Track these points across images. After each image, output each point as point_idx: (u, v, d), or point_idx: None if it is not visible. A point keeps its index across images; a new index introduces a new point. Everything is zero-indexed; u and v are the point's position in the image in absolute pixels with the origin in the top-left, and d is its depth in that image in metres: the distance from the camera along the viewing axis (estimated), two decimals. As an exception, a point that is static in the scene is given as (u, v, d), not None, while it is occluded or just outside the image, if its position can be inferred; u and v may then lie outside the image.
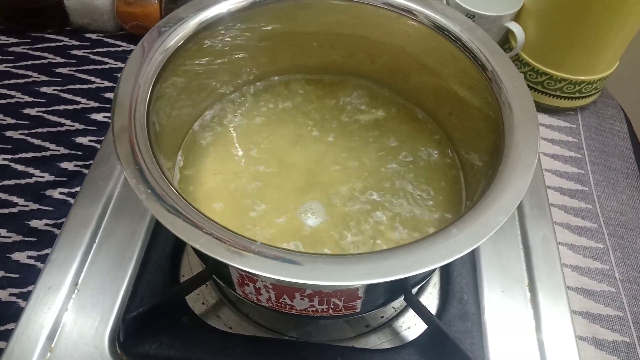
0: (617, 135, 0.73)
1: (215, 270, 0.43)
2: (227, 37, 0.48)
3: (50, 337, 0.45)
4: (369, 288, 0.38)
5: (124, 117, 0.38)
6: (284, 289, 0.37)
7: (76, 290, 0.48)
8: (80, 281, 0.48)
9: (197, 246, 0.32)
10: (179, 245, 0.51)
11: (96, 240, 0.51)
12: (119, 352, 0.44)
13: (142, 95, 0.39)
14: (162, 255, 0.49)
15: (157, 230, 0.51)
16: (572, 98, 0.72)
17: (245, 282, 0.38)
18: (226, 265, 0.38)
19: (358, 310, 0.40)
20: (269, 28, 0.50)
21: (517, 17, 0.72)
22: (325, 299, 0.38)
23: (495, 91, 0.41)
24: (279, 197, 0.47)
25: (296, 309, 0.40)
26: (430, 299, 0.50)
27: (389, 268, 0.32)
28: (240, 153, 0.50)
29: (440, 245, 0.33)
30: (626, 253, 0.61)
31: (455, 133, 0.51)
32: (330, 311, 0.40)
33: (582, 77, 0.69)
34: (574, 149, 0.71)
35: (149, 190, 0.34)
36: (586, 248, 0.61)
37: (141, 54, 0.42)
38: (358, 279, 0.31)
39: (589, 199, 0.65)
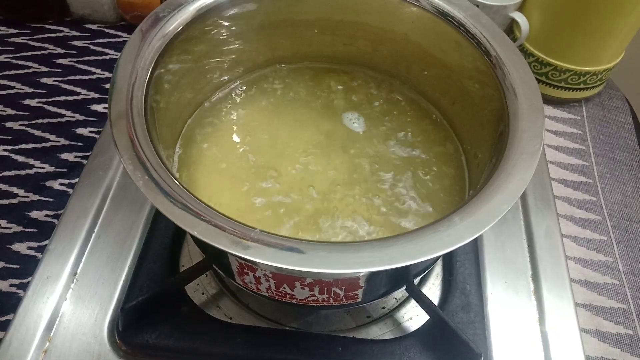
0: (621, 127, 0.72)
1: (214, 260, 0.43)
2: (227, 24, 0.48)
3: (49, 327, 0.45)
4: (370, 277, 0.38)
5: (121, 102, 0.37)
6: (283, 277, 0.37)
7: (75, 280, 0.47)
8: (79, 271, 0.48)
9: (195, 233, 0.31)
10: (179, 235, 0.51)
11: (95, 230, 0.51)
12: (118, 341, 0.44)
13: (140, 81, 0.39)
14: (162, 245, 0.49)
15: (157, 220, 0.51)
16: (576, 89, 0.71)
17: (245, 271, 0.38)
18: (226, 254, 0.38)
19: (359, 300, 0.40)
20: (269, 14, 0.50)
21: (521, 7, 0.71)
22: (325, 288, 0.37)
23: (500, 77, 0.41)
24: (279, 185, 0.46)
25: (296, 299, 0.39)
26: (432, 290, 0.49)
27: (391, 256, 0.31)
28: (241, 141, 0.50)
29: (443, 233, 0.32)
30: (630, 245, 0.60)
31: (458, 121, 0.50)
32: (331, 301, 0.39)
33: (586, 68, 0.68)
34: (578, 140, 0.70)
35: (146, 177, 0.34)
36: (590, 240, 0.60)
37: (139, 39, 0.41)
38: (359, 266, 0.31)
39: (592, 191, 0.65)
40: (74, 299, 0.46)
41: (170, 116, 0.45)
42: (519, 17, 0.69)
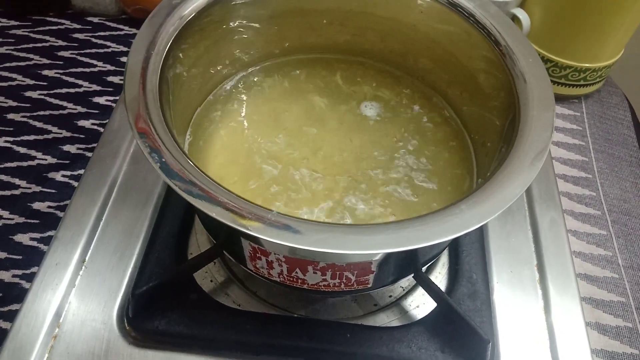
0: (620, 123, 0.73)
1: (226, 245, 0.43)
2: (238, 13, 0.48)
3: (58, 313, 0.45)
4: (382, 262, 0.38)
5: (135, 87, 0.37)
6: (296, 262, 0.37)
7: (83, 268, 0.47)
8: (87, 258, 0.48)
9: (213, 214, 0.32)
10: (187, 224, 0.51)
11: (103, 218, 0.51)
12: (127, 328, 0.44)
13: (153, 66, 0.39)
14: (170, 233, 0.49)
15: (165, 208, 0.51)
16: (576, 86, 0.72)
17: (258, 255, 0.38)
18: (238, 240, 0.38)
19: (370, 285, 0.40)
20: (279, 4, 0.50)
21: (522, 4, 0.72)
22: (338, 273, 0.38)
23: (509, 66, 0.41)
24: (288, 173, 0.47)
25: (308, 284, 0.39)
26: (439, 279, 0.50)
27: (407, 238, 0.32)
28: (249, 130, 0.50)
29: (457, 216, 0.33)
30: (629, 240, 0.61)
31: (467, 111, 0.50)
32: (342, 286, 0.39)
33: (587, 65, 0.69)
34: (578, 136, 0.71)
35: (163, 159, 0.34)
36: (590, 235, 0.61)
37: (152, 26, 0.41)
38: (377, 247, 0.31)
39: (592, 186, 0.66)
40: (83, 285, 0.46)
41: (182, 103, 0.45)
42: (520, 14, 0.70)
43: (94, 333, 0.44)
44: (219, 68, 0.51)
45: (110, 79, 0.74)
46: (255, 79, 0.54)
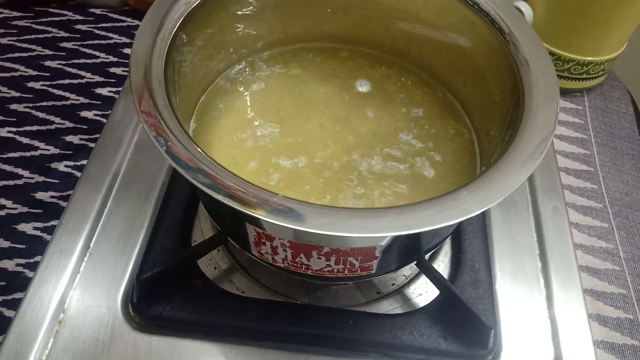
0: (623, 117, 0.73)
1: (230, 231, 0.43)
2: (243, 0, 0.48)
3: (63, 299, 0.45)
4: (386, 248, 0.38)
5: (141, 72, 0.37)
6: (301, 247, 0.37)
7: (88, 254, 0.48)
8: (91, 245, 0.48)
9: (219, 197, 0.32)
10: (191, 211, 0.51)
11: (107, 206, 0.51)
12: (132, 313, 0.44)
13: (158, 52, 0.39)
14: (174, 220, 0.49)
15: (169, 197, 0.51)
16: (579, 79, 0.72)
17: (262, 240, 0.38)
18: (243, 225, 0.38)
19: (373, 271, 0.40)
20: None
21: (525, -4, 0.72)
22: (342, 258, 0.38)
23: (513, 53, 0.41)
24: (291, 161, 0.47)
25: (312, 269, 0.39)
26: (441, 267, 0.50)
27: (410, 222, 0.32)
28: (253, 117, 0.50)
29: (461, 200, 0.33)
30: (631, 233, 0.61)
31: (470, 100, 0.50)
32: (346, 272, 0.40)
33: (589, 58, 0.69)
34: (580, 130, 0.71)
35: (169, 143, 0.34)
36: (591, 227, 0.61)
37: (158, 12, 0.41)
38: (381, 231, 0.31)
39: (594, 179, 0.66)
40: (87, 272, 0.47)
41: (186, 89, 0.45)
42: (524, 7, 0.70)
43: (99, 318, 0.44)
44: (223, 55, 0.51)
45: (112, 70, 0.74)
46: (259, 67, 0.54)
